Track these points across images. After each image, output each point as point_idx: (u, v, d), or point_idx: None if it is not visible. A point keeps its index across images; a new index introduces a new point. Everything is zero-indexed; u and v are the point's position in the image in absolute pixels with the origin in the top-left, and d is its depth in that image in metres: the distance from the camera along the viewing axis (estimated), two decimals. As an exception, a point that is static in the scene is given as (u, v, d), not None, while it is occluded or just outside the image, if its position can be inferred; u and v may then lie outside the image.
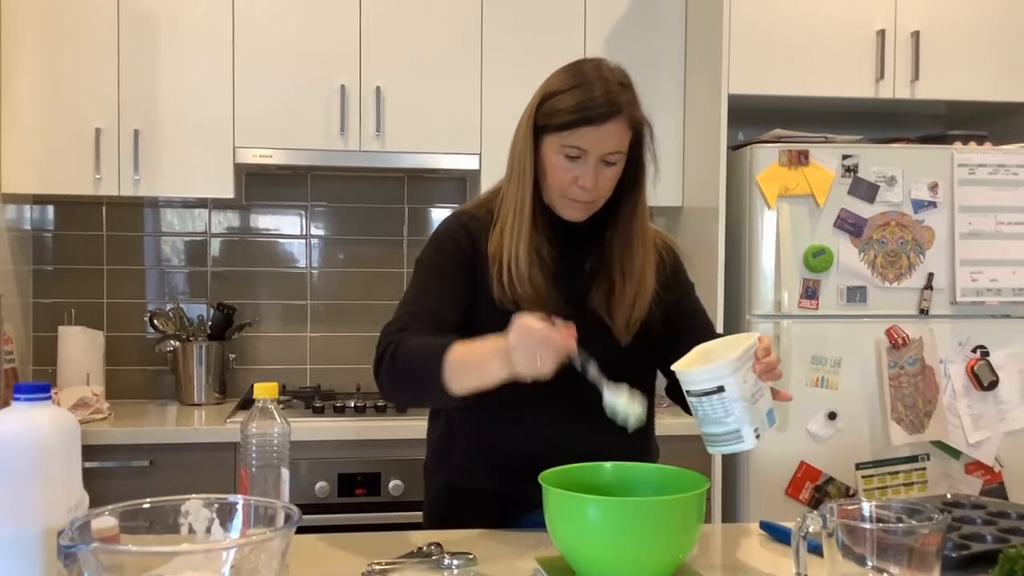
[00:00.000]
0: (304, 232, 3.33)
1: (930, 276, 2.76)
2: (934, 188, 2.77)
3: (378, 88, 2.95)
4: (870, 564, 1.15)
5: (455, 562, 1.42)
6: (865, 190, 2.74)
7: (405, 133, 2.97)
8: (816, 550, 1.23)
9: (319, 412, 2.81)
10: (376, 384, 1.59)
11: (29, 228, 3.17)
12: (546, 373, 1.35)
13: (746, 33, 2.81)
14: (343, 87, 2.93)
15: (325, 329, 3.32)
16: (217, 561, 0.98)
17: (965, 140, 2.87)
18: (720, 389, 1.35)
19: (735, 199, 2.81)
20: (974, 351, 2.79)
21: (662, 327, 1.69)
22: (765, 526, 1.63)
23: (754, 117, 3.02)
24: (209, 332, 3.11)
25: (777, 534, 1.60)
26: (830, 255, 2.72)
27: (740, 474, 2.78)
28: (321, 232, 3.33)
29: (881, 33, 2.85)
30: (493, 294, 1.61)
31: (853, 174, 2.74)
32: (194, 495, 1.12)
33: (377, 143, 2.96)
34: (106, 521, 1.06)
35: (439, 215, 3.36)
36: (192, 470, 2.61)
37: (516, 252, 1.60)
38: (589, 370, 1.38)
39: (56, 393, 2.72)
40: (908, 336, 2.74)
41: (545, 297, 1.60)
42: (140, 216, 3.25)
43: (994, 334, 2.80)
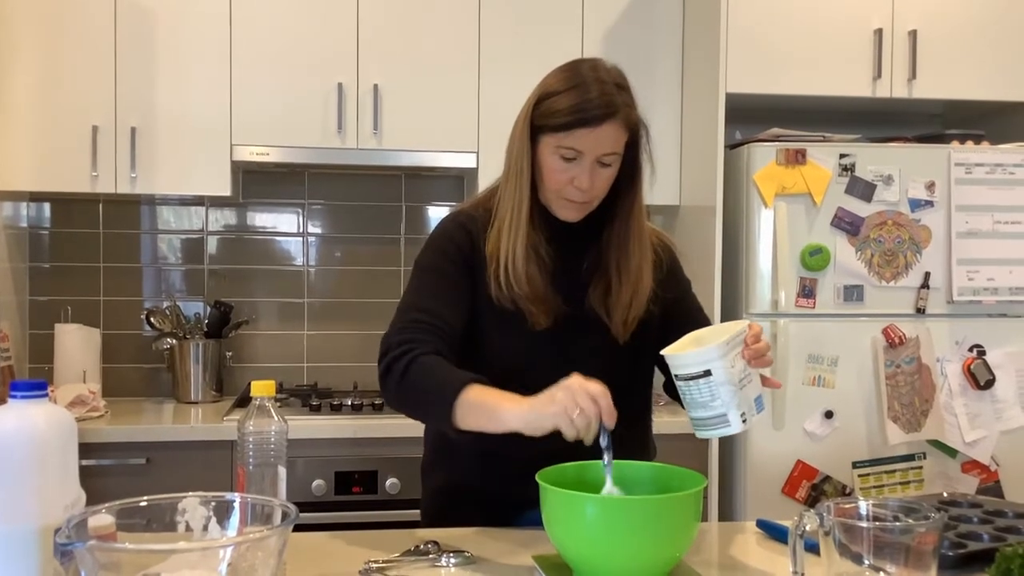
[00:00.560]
0: (301, 230, 3.32)
1: (927, 275, 2.77)
2: (931, 187, 2.77)
3: (376, 86, 2.94)
4: (867, 563, 1.15)
5: (452, 560, 1.42)
6: (862, 189, 2.74)
7: (402, 131, 2.97)
8: (813, 549, 1.23)
9: (316, 410, 2.81)
10: (381, 390, 1.59)
11: (26, 225, 3.16)
12: (569, 430, 1.32)
13: (744, 32, 2.81)
14: (340, 85, 2.93)
15: (322, 327, 3.32)
16: (214, 559, 0.98)
17: (962, 139, 2.88)
18: (707, 373, 1.36)
19: (732, 198, 2.81)
20: (971, 350, 2.79)
21: (660, 325, 1.69)
22: (762, 525, 1.63)
23: (751, 116, 3.03)
24: (206, 330, 3.11)
25: (774, 533, 1.60)
26: (827, 254, 2.72)
27: (737, 473, 2.78)
28: (318, 230, 3.33)
29: (878, 32, 2.85)
30: (491, 292, 1.61)
31: (850, 173, 2.74)
32: (191, 493, 1.12)
33: (374, 141, 2.96)
34: (103, 519, 1.06)
35: (436, 213, 3.36)
36: (189, 468, 2.61)
37: (513, 250, 1.60)
38: (606, 455, 1.37)
39: (52, 391, 2.71)
40: (905, 335, 2.74)
41: (543, 295, 1.61)
42: (137, 214, 3.24)
43: (991, 333, 2.80)
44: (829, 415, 2.73)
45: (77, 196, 3.08)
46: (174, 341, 3.05)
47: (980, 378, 2.77)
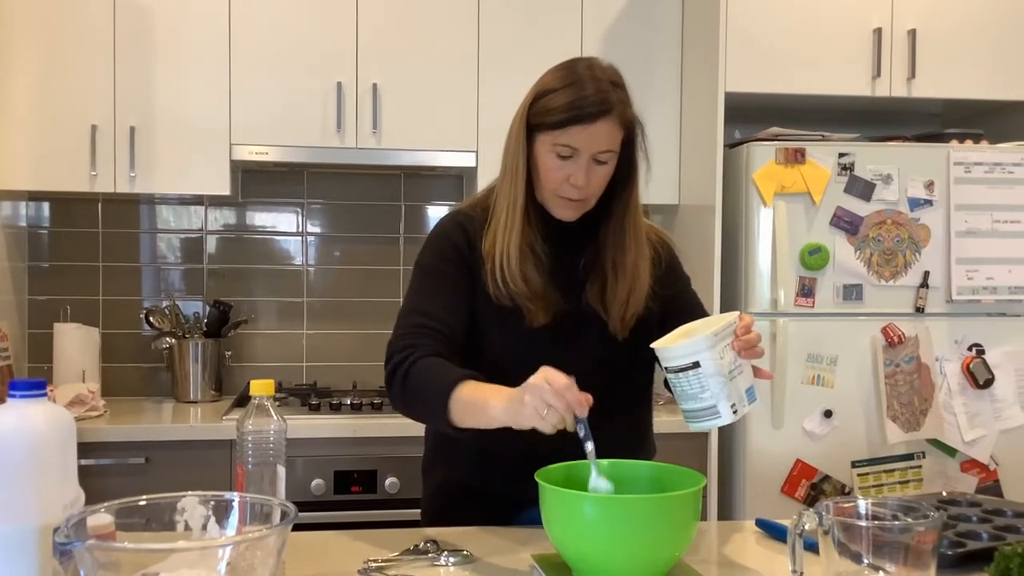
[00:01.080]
0: (300, 229, 3.32)
1: (926, 274, 2.77)
2: (930, 186, 2.77)
3: (375, 85, 2.94)
4: (866, 562, 1.15)
5: (451, 559, 1.42)
6: (861, 188, 2.74)
7: (402, 130, 2.97)
8: (812, 548, 1.23)
9: (315, 409, 2.81)
10: (388, 397, 1.61)
11: (25, 225, 3.16)
12: (546, 427, 1.33)
13: (743, 31, 2.81)
14: (340, 84, 2.93)
15: (321, 326, 3.32)
16: (213, 558, 0.98)
17: (961, 138, 2.88)
18: (696, 365, 1.35)
19: (731, 197, 2.81)
20: (970, 349, 2.79)
21: (659, 321, 1.69)
22: (761, 524, 1.64)
23: (751, 115, 3.03)
24: (205, 329, 3.11)
25: (773, 532, 1.60)
26: (826, 253, 2.72)
27: (736, 472, 2.79)
28: (317, 229, 3.33)
29: (878, 31, 2.85)
30: (490, 291, 1.61)
31: (849, 172, 2.74)
32: (190, 492, 1.12)
33: (373, 140, 2.95)
34: (102, 518, 1.06)
35: (436, 212, 3.36)
36: (188, 467, 2.61)
37: (508, 248, 1.60)
38: (587, 445, 1.36)
39: (52, 390, 2.71)
40: (904, 334, 2.74)
41: (540, 293, 1.61)
42: (136, 213, 3.24)
43: (990, 332, 2.80)
44: (828, 414, 2.74)
45: (76, 195, 3.08)
46: (173, 340, 3.05)
47: (979, 377, 2.77)
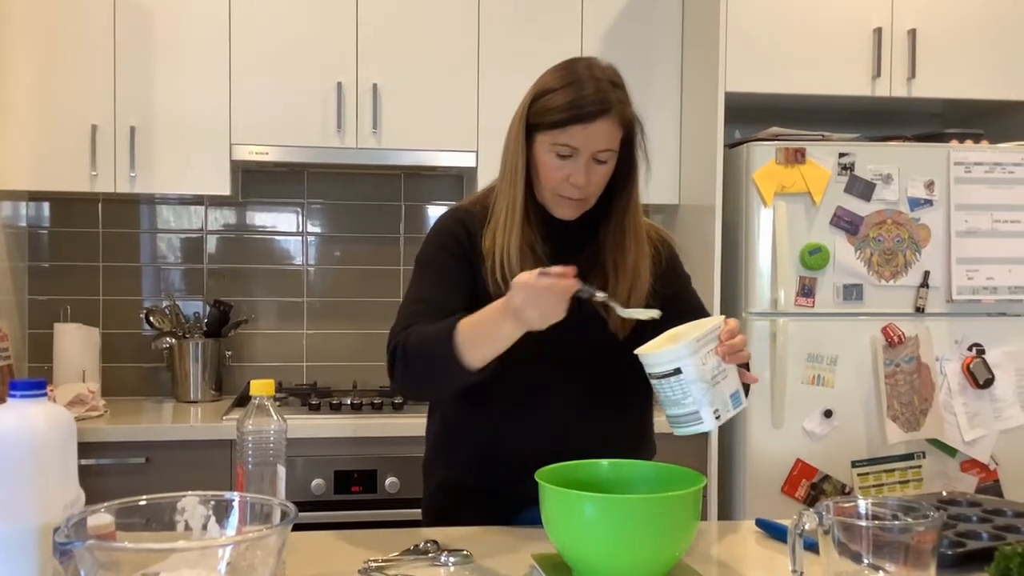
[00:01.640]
0: (300, 229, 3.32)
1: (926, 274, 2.77)
2: (930, 186, 2.77)
3: (375, 85, 2.94)
4: (866, 562, 1.15)
5: (451, 559, 1.42)
6: (861, 188, 2.74)
7: (402, 130, 2.97)
8: (812, 548, 1.23)
9: (315, 409, 2.81)
10: (394, 385, 1.60)
11: (25, 225, 3.16)
12: (559, 318, 1.39)
13: (743, 31, 2.81)
14: (340, 84, 2.93)
15: (321, 326, 3.32)
16: (213, 558, 0.98)
17: (961, 138, 2.88)
18: (677, 371, 1.36)
19: (732, 197, 2.81)
20: (970, 349, 2.79)
21: (658, 321, 1.69)
22: (761, 524, 1.63)
23: (751, 115, 3.03)
24: (205, 329, 3.11)
25: (773, 532, 1.60)
26: (826, 253, 2.72)
27: (736, 472, 2.79)
28: (317, 229, 3.33)
29: (878, 31, 2.85)
30: (489, 289, 1.61)
31: (849, 172, 2.74)
32: (190, 492, 1.12)
33: (374, 140, 2.95)
34: (102, 518, 1.06)
35: (436, 212, 3.36)
36: (188, 467, 2.61)
37: (508, 249, 1.60)
38: (596, 295, 1.40)
39: (52, 390, 2.71)
40: (904, 334, 2.74)
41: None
42: (136, 213, 3.24)
43: (990, 332, 2.80)
44: (828, 414, 2.74)
45: (76, 195, 3.08)
46: (173, 340, 3.05)
47: (979, 377, 2.77)
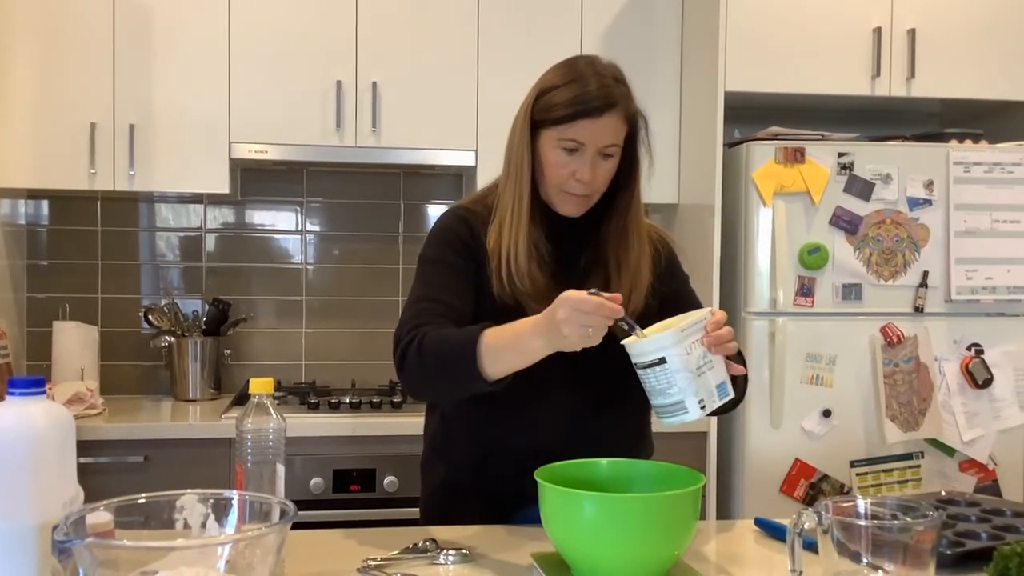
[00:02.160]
0: (299, 228, 3.32)
1: (925, 274, 2.77)
2: (929, 186, 2.77)
3: (374, 84, 2.94)
4: (865, 561, 1.15)
5: (450, 558, 1.42)
6: (861, 188, 2.74)
7: (401, 129, 2.97)
8: (811, 547, 1.23)
9: (314, 408, 2.81)
10: (401, 381, 1.59)
11: (23, 223, 3.16)
12: (596, 342, 1.38)
13: (742, 30, 2.81)
14: (339, 83, 2.93)
15: (320, 325, 3.32)
16: (212, 557, 0.98)
17: (961, 138, 2.88)
18: (662, 360, 1.36)
19: (731, 196, 2.81)
20: (969, 349, 2.80)
21: (658, 318, 1.69)
22: (760, 523, 1.64)
23: (750, 114, 3.03)
24: (204, 328, 3.10)
25: (772, 531, 1.60)
26: (825, 252, 2.72)
27: (735, 471, 2.79)
28: (316, 228, 3.33)
29: (877, 31, 2.85)
30: (493, 288, 1.61)
31: (849, 172, 2.74)
32: (189, 490, 1.12)
33: (373, 139, 2.95)
34: (101, 516, 1.06)
35: (435, 211, 3.36)
36: (187, 466, 2.61)
37: (515, 247, 1.60)
38: (636, 330, 1.40)
39: (50, 388, 2.71)
40: (903, 334, 2.74)
41: (543, 292, 1.60)
42: (135, 211, 3.24)
43: (989, 332, 2.80)
44: (827, 414, 2.74)
45: (75, 193, 3.08)
46: (172, 339, 3.05)
47: (978, 377, 2.77)
